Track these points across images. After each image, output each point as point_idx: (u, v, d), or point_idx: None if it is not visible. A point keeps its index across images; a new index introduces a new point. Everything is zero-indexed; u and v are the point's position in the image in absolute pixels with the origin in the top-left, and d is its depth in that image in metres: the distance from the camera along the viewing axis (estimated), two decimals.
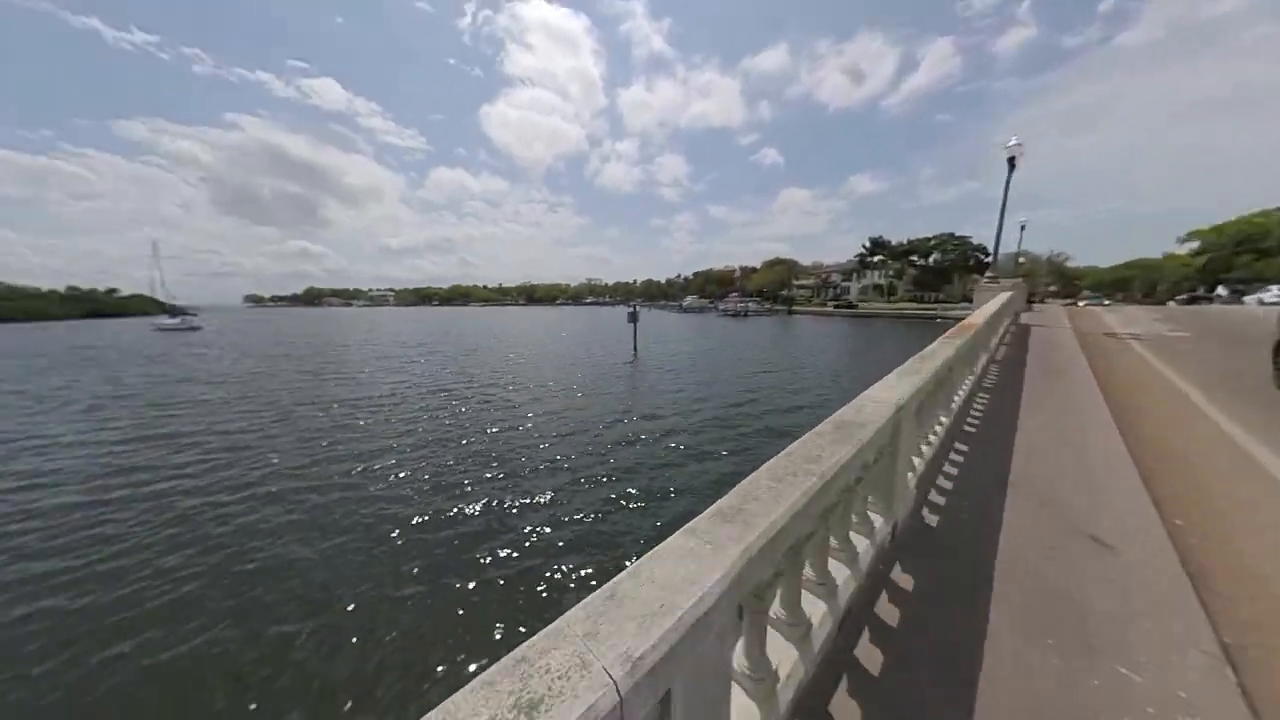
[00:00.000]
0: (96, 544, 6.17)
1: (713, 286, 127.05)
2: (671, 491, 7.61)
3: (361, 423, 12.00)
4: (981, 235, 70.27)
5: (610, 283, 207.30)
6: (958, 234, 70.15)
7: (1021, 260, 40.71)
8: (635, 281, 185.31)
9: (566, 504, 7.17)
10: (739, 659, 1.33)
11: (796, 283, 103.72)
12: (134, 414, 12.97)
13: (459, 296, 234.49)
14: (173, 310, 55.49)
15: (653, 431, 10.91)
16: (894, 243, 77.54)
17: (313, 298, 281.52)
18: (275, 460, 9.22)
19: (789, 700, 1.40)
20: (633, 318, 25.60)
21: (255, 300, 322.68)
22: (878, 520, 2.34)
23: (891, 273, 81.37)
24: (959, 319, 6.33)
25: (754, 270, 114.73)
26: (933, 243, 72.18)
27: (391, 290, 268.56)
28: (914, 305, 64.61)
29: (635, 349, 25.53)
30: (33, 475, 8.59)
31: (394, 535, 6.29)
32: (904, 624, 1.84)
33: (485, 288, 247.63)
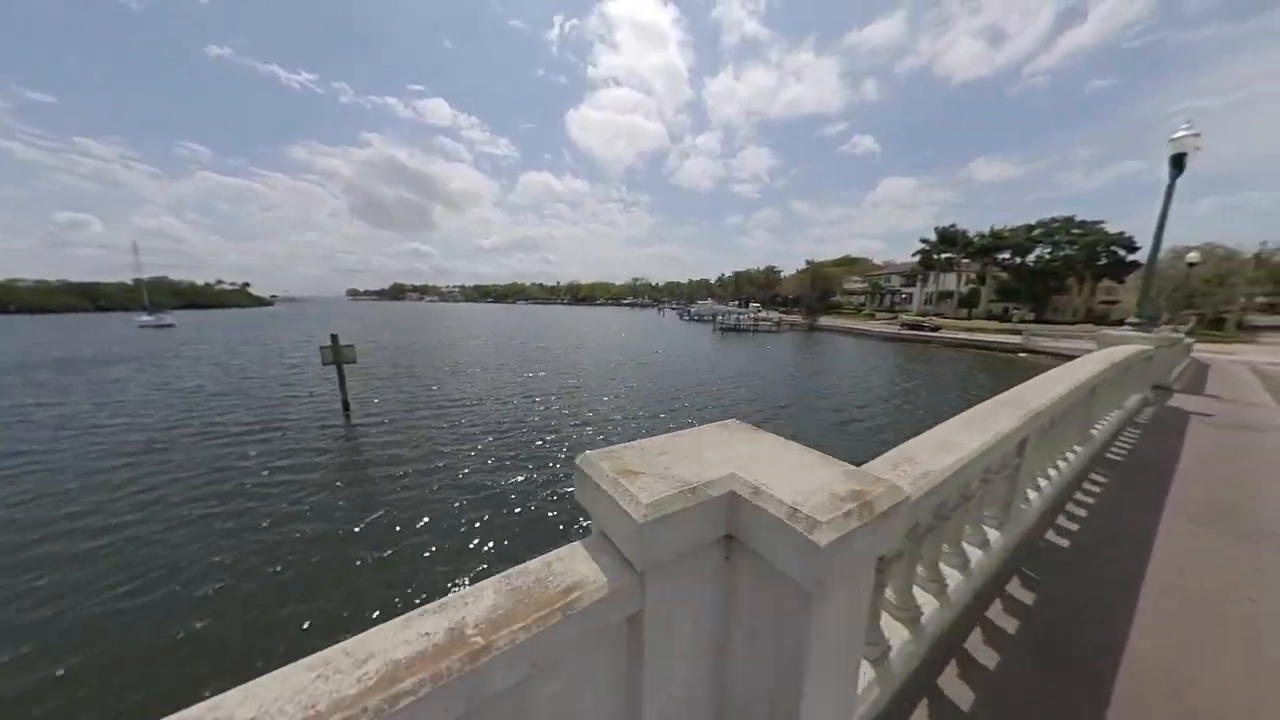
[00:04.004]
0: None
1: (751, 289, 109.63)
2: None
3: None
4: (1143, 229, 46.80)
5: (661, 284, 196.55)
6: (1087, 220, 47.15)
7: (1194, 260, 21.35)
8: (688, 281, 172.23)
9: None
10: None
11: (852, 287, 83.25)
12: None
13: (513, 294, 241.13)
14: (150, 310, 63.01)
15: None
16: (974, 235, 55.51)
17: (398, 292, 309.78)
18: None
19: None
20: (331, 357, 13.72)
21: (354, 294, 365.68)
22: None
23: (972, 277, 58.87)
24: (1067, 356, 3.62)
25: (803, 272, 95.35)
26: (1036, 233, 49.42)
27: (459, 287, 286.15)
28: (992, 325, 43.44)
29: (345, 405, 14.23)
30: None
31: None
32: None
33: (542, 286, 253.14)
